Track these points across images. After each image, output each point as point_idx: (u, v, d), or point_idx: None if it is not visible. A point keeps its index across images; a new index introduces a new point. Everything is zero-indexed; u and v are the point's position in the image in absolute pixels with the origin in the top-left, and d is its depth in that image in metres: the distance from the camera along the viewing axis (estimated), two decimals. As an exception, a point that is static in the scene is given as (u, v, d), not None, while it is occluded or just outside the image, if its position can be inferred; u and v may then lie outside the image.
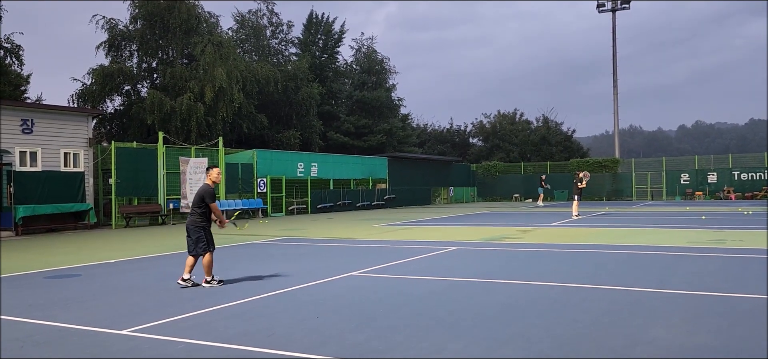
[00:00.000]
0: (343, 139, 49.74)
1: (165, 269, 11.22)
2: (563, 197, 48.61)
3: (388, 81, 56.84)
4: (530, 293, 8.02)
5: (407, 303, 7.46)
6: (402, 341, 5.69)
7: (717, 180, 45.07)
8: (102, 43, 37.39)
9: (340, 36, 53.97)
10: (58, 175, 22.64)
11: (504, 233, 17.34)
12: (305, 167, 34.12)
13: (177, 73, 36.00)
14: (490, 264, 10.96)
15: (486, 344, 5.55)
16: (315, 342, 5.70)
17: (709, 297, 7.57)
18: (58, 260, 12.80)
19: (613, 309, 6.89)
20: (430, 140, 66.55)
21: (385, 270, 10.44)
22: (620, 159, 51.63)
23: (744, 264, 10.21)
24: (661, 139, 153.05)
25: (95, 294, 8.66)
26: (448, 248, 13.55)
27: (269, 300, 7.87)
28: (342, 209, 34.96)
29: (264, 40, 48.16)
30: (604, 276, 9.28)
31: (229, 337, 5.92)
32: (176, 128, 33.65)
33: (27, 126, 22.17)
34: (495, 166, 54.74)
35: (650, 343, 5.47)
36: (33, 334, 6.26)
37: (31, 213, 21.20)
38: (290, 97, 43.84)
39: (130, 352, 5.51)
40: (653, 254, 11.73)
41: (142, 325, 6.51)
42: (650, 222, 20.51)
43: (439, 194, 47.81)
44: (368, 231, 19.18)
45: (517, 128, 63.72)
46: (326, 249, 14.08)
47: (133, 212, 24.70)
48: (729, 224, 18.89)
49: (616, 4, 53.31)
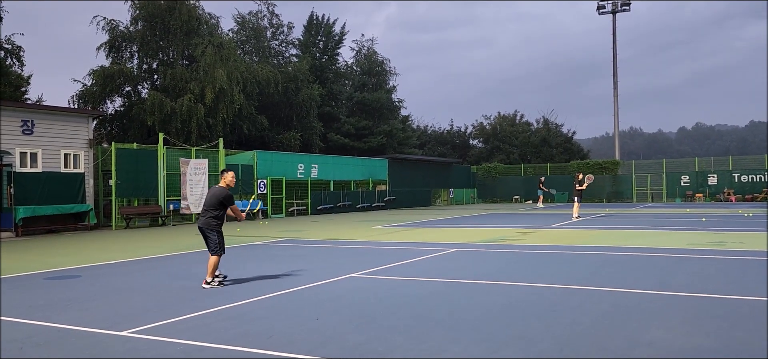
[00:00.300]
0: (343, 140, 49.77)
1: (165, 270, 11.22)
2: (563, 199, 48.61)
3: (389, 82, 56.90)
4: (530, 294, 8.02)
5: (407, 305, 7.46)
6: (402, 342, 5.69)
7: (717, 182, 45.06)
8: (102, 44, 37.43)
9: (341, 37, 54.02)
10: (59, 176, 22.65)
11: (504, 235, 17.34)
12: (305, 169, 34.13)
13: (177, 74, 36.03)
14: (490, 266, 10.96)
15: (486, 345, 5.55)
16: (315, 343, 5.70)
17: (708, 299, 7.57)
18: (58, 262, 12.80)
19: (612, 311, 6.89)
20: (430, 142, 66.59)
21: (385, 271, 10.44)
22: (620, 161, 51.63)
23: (744, 267, 10.20)
24: (662, 141, 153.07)
25: (95, 295, 8.66)
26: (449, 250, 13.55)
27: (269, 301, 7.87)
28: (342, 210, 34.96)
29: (264, 42, 48.21)
30: (604, 278, 9.28)
31: (229, 338, 5.92)
32: (176, 130, 33.67)
33: (27, 127, 22.19)
34: (495, 168, 54.75)
35: (650, 345, 5.47)
36: (32, 335, 6.26)
37: (32, 214, 21.20)
38: (290, 98, 43.87)
39: (129, 353, 5.51)
40: (653, 256, 11.73)
41: (141, 326, 6.51)
42: (650, 224, 20.51)
43: (440, 196, 47.81)
44: (368, 233, 19.18)
45: (518, 129, 63.75)
46: (326, 251, 14.08)
47: (134, 213, 24.70)
48: (729, 227, 18.88)
49: (617, 6, 53.37)
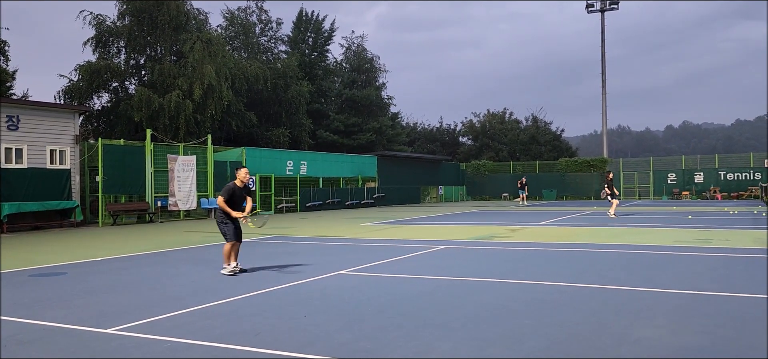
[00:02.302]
0: (332, 137, 49.69)
1: (152, 267, 11.14)
2: (552, 197, 48.85)
3: (378, 80, 56.88)
4: (518, 292, 8.04)
5: (395, 302, 7.45)
6: (390, 340, 5.68)
7: (703, 180, 45.47)
8: (89, 40, 37.12)
9: (330, 34, 53.93)
10: (44, 172, 22.43)
11: (493, 232, 17.38)
12: (294, 166, 34.04)
13: (165, 70, 35.78)
14: (479, 263, 10.98)
15: (474, 343, 5.56)
16: (302, 341, 5.68)
17: (694, 296, 7.63)
18: (44, 258, 12.68)
19: (600, 309, 6.92)
20: (419, 139, 66.64)
21: (373, 268, 10.43)
22: (608, 159, 51.96)
23: (729, 264, 10.30)
24: (649, 139, 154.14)
25: (81, 292, 8.58)
26: (437, 247, 13.57)
27: (256, 298, 7.83)
28: (331, 207, 34.91)
29: (253, 38, 47.99)
30: (592, 276, 9.32)
31: (216, 336, 5.89)
32: (164, 126, 33.44)
33: (12, 123, 21.94)
34: (484, 165, 54.90)
35: (636, 342, 5.50)
36: (17, 333, 6.19)
37: (17, 211, 20.99)
38: (279, 95, 43.71)
39: (115, 351, 5.46)
40: (640, 254, 11.80)
41: (127, 324, 6.45)
42: (637, 222, 20.64)
43: (429, 193, 47.87)
44: (357, 230, 19.16)
45: (507, 127, 63.95)
46: (315, 248, 14.05)
47: (121, 209, 24.52)
48: (715, 224, 19.05)
49: (605, 5, 53.71)
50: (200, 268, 10.81)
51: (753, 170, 44.42)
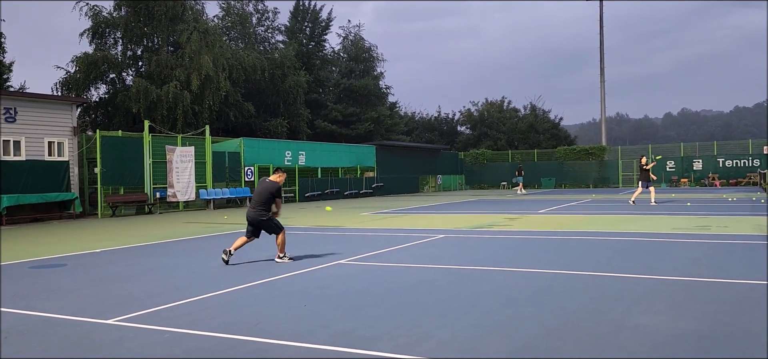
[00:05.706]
0: (330, 127, 49.60)
1: (151, 258, 11.15)
2: (550, 185, 48.87)
3: (376, 69, 56.73)
4: (517, 280, 8.06)
5: (395, 292, 7.47)
6: (389, 329, 5.69)
7: (702, 167, 45.48)
8: (86, 31, 36.99)
9: (328, 24, 53.69)
10: (43, 164, 22.40)
11: (491, 221, 17.40)
12: (293, 156, 34.02)
13: (163, 61, 35.67)
14: (478, 252, 11.00)
15: (473, 331, 5.57)
16: (302, 330, 5.69)
17: (693, 282, 7.65)
18: (44, 250, 12.68)
19: (598, 296, 6.94)
20: (418, 128, 66.55)
21: (372, 258, 10.44)
22: (607, 147, 51.94)
23: (728, 250, 10.32)
24: (648, 126, 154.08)
25: (81, 283, 8.59)
26: (436, 236, 13.58)
27: (256, 288, 7.85)
28: (330, 197, 34.92)
29: (250, 28, 47.80)
30: (590, 263, 9.35)
31: (216, 326, 5.90)
32: (162, 117, 33.38)
33: (10, 115, 21.89)
34: (483, 154, 54.87)
35: (635, 328, 5.52)
36: (17, 324, 6.20)
37: (16, 203, 20.98)
38: (277, 85, 43.59)
39: (115, 342, 5.47)
40: (639, 241, 11.82)
41: (127, 315, 6.46)
42: (636, 209, 20.67)
43: (427, 182, 47.88)
44: (356, 219, 19.18)
45: (505, 116, 63.88)
46: (314, 238, 14.06)
47: (120, 201, 24.51)
48: (714, 211, 19.08)
49: (603, -8, 53.52)
50: (200, 258, 10.82)
51: (752, 157, 44.43)
